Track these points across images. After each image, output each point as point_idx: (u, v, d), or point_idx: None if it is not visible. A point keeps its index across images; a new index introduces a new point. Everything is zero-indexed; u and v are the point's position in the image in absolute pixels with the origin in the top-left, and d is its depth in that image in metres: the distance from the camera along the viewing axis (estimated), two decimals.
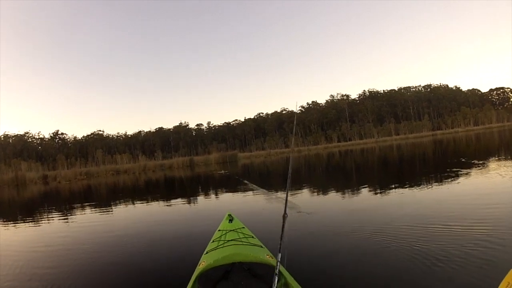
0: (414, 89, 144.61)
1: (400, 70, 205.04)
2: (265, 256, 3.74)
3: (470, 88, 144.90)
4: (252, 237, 4.50)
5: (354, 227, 6.69)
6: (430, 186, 11.06)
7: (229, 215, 5.21)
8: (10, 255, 7.55)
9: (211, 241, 4.53)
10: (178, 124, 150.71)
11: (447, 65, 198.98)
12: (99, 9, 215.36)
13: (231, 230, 4.65)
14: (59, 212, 15.53)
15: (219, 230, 4.80)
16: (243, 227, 4.80)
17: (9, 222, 13.79)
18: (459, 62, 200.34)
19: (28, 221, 13.61)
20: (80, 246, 7.93)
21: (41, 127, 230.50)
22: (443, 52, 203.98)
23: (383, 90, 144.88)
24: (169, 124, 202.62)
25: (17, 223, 13.43)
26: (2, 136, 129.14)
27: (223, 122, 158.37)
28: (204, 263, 3.71)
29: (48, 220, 13.26)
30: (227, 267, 3.74)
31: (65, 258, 6.82)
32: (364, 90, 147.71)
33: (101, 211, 14.64)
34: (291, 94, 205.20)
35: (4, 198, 28.93)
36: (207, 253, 4.10)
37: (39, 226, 11.88)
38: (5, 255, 7.65)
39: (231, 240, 4.28)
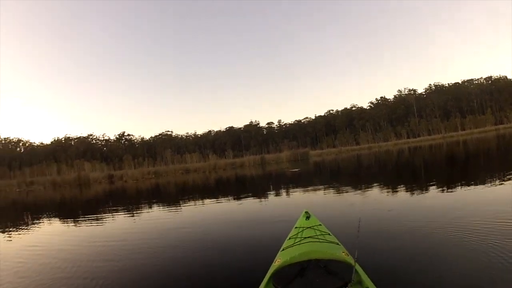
0: (476, 82, 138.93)
1: (462, 62, 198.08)
2: (341, 253, 3.84)
3: None
4: (329, 234, 4.55)
5: (428, 223, 6.72)
6: (501, 183, 10.75)
7: (306, 212, 5.32)
8: (70, 250, 8.08)
9: (288, 238, 4.66)
10: (248, 123, 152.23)
11: (506, 55, 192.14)
12: (167, 8, 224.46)
13: (308, 227, 4.73)
14: (124, 209, 16.03)
15: (296, 227, 4.92)
16: (320, 225, 4.85)
17: (68, 219, 14.68)
18: None
19: (90, 218, 14.03)
20: (152, 240, 8.32)
21: (106, 129, 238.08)
22: (501, 41, 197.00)
23: (448, 84, 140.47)
24: (239, 123, 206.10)
25: (77, 220, 13.96)
26: (63, 139, 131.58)
27: (293, 120, 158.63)
28: (280, 260, 3.86)
29: (112, 217, 13.76)
30: (303, 264, 3.73)
31: (130, 253, 7.20)
32: (430, 84, 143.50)
33: (170, 208, 15.11)
34: (360, 89, 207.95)
35: (66, 196, 29.65)
36: (283, 250, 4.25)
37: (100, 223, 12.40)
38: (63, 249, 8.18)
39: (308, 237, 4.36)
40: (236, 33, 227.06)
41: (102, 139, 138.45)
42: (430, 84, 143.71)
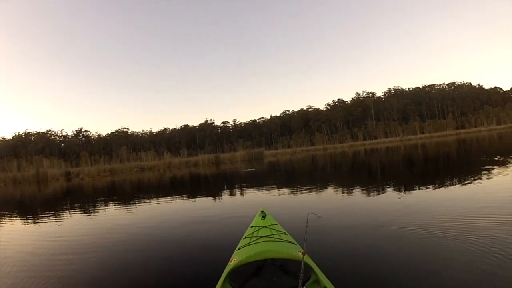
0: (438, 87, 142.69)
1: (425, 68, 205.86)
2: (297, 252, 3.75)
3: (493, 86, 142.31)
4: (285, 233, 4.53)
5: (386, 221, 6.97)
6: (451, 185, 11.30)
7: (262, 211, 5.34)
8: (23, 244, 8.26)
9: (244, 237, 4.63)
10: (203, 122, 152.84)
11: (470, 63, 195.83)
12: (128, 8, 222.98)
13: (263, 227, 4.73)
14: (79, 208, 15.63)
15: (251, 227, 4.91)
16: (276, 224, 4.87)
17: (26, 217, 14.11)
18: (481, 60, 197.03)
19: (46, 216, 13.58)
20: (104, 237, 8.33)
21: (64, 125, 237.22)
22: (466, 49, 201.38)
23: (408, 88, 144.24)
24: (194, 121, 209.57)
25: (36, 217, 13.41)
26: (23, 134, 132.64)
27: (249, 120, 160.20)
28: (236, 259, 3.75)
29: (69, 215, 13.47)
30: (259, 263, 3.81)
31: (83, 250, 7.15)
32: (389, 88, 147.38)
33: (125, 207, 14.69)
34: (317, 91, 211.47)
35: (26, 194, 29.12)
36: (239, 249, 4.18)
37: (56, 221, 11.93)
38: (20, 244, 8.35)
39: (264, 236, 4.33)
40: (192, 32, 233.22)
41: (60, 135, 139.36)
42: (389, 88, 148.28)
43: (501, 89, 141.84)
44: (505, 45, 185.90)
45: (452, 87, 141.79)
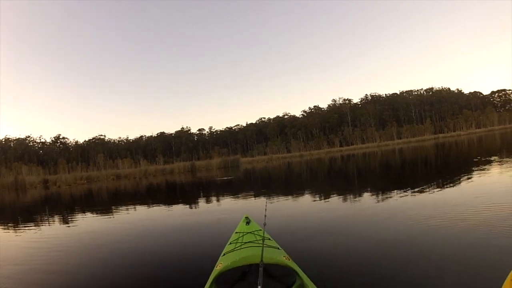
0: (416, 93, 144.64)
1: (402, 74, 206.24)
2: (281, 257, 3.84)
3: (472, 91, 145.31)
4: (269, 239, 4.57)
5: (368, 225, 7.23)
6: (428, 189, 11.31)
7: (246, 217, 5.33)
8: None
9: (228, 243, 4.66)
10: (179, 129, 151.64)
11: (448, 68, 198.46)
12: (100, 12, 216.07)
13: (248, 232, 4.76)
14: (54, 218, 15.39)
15: (236, 232, 4.94)
16: (260, 229, 4.87)
17: (8, 225, 13.97)
18: (460, 65, 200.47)
19: (26, 225, 13.47)
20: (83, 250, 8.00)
21: (43, 131, 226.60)
22: (444, 55, 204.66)
23: (385, 94, 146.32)
24: (170, 129, 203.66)
25: (17, 226, 13.49)
26: (3, 140, 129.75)
27: (224, 127, 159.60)
28: (221, 264, 3.83)
29: (45, 225, 13.24)
30: (244, 268, 3.84)
31: (65, 261, 7.02)
32: (366, 94, 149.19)
33: (103, 216, 14.52)
34: (293, 99, 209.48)
35: (5, 201, 28.97)
36: (224, 255, 4.23)
37: (36, 230, 11.82)
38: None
39: (248, 242, 4.38)
40: (167, 38, 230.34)
41: (39, 141, 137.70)
42: (366, 94, 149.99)
43: (480, 93, 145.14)
44: (485, 50, 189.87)
45: (430, 92, 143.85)
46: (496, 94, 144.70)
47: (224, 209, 12.63)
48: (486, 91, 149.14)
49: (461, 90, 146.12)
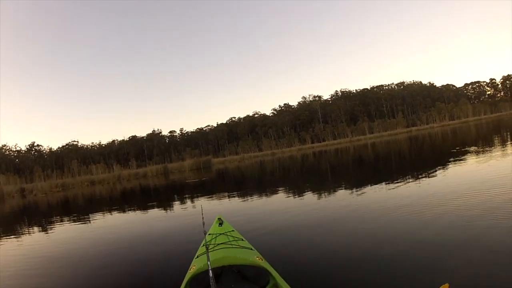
0: (387, 87, 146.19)
1: (373, 70, 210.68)
2: (254, 258, 3.83)
3: (445, 84, 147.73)
4: (242, 240, 4.58)
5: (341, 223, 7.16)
6: (402, 181, 11.39)
7: (219, 218, 5.32)
8: None
9: (202, 245, 4.55)
10: (151, 132, 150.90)
11: (420, 62, 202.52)
12: (74, 14, 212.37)
13: (221, 234, 4.74)
14: (33, 227, 15.32)
15: (209, 234, 4.85)
16: (233, 230, 4.91)
17: None
18: (432, 58, 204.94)
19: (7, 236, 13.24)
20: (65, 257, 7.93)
21: (17, 139, 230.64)
22: (416, 49, 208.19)
23: (356, 90, 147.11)
24: (142, 132, 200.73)
25: None
26: None
27: (195, 128, 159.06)
28: (194, 267, 3.79)
29: (25, 234, 13.27)
30: (217, 270, 3.79)
31: (42, 266, 7.14)
32: (337, 91, 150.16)
33: (80, 223, 14.32)
34: (263, 97, 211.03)
35: None
36: (197, 257, 4.19)
37: (18, 239, 11.90)
38: None
39: (221, 243, 4.37)
40: (135, 40, 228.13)
41: (14, 149, 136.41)
42: (336, 91, 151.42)
43: (453, 86, 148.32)
44: (457, 43, 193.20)
45: (402, 87, 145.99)
46: (470, 86, 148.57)
47: (197, 211, 12.27)
48: (459, 84, 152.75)
49: (433, 84, 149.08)
